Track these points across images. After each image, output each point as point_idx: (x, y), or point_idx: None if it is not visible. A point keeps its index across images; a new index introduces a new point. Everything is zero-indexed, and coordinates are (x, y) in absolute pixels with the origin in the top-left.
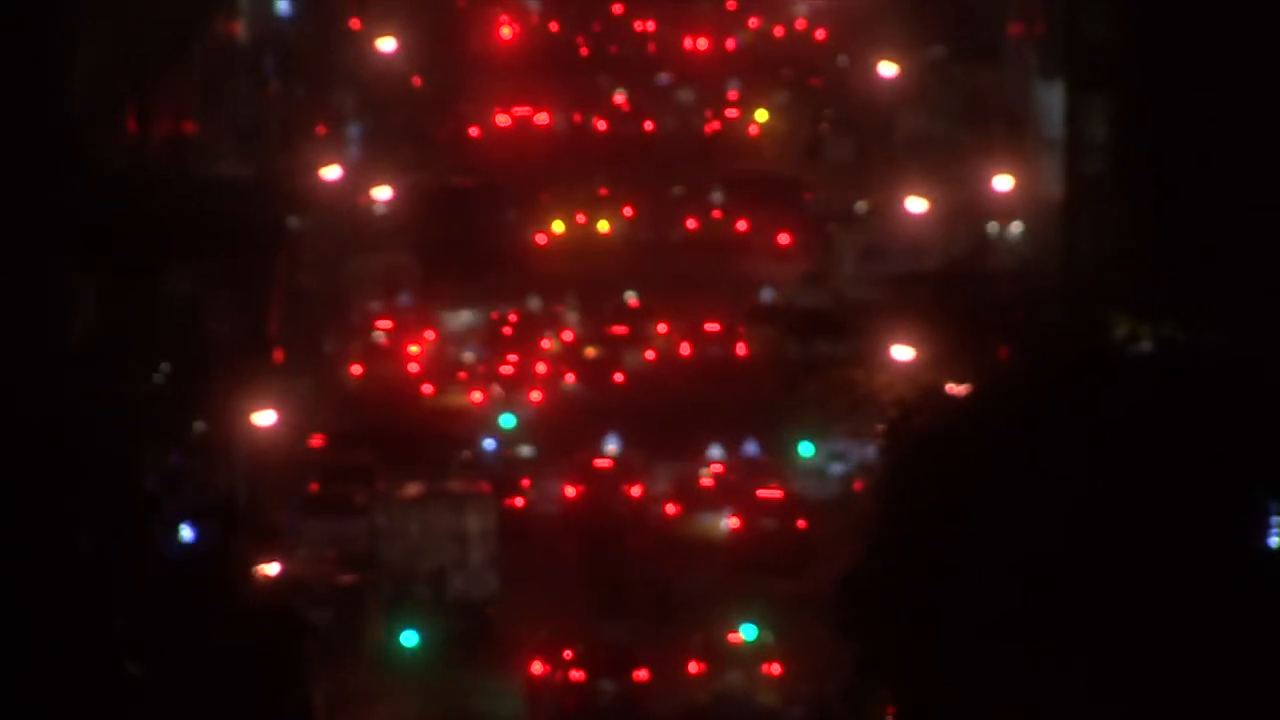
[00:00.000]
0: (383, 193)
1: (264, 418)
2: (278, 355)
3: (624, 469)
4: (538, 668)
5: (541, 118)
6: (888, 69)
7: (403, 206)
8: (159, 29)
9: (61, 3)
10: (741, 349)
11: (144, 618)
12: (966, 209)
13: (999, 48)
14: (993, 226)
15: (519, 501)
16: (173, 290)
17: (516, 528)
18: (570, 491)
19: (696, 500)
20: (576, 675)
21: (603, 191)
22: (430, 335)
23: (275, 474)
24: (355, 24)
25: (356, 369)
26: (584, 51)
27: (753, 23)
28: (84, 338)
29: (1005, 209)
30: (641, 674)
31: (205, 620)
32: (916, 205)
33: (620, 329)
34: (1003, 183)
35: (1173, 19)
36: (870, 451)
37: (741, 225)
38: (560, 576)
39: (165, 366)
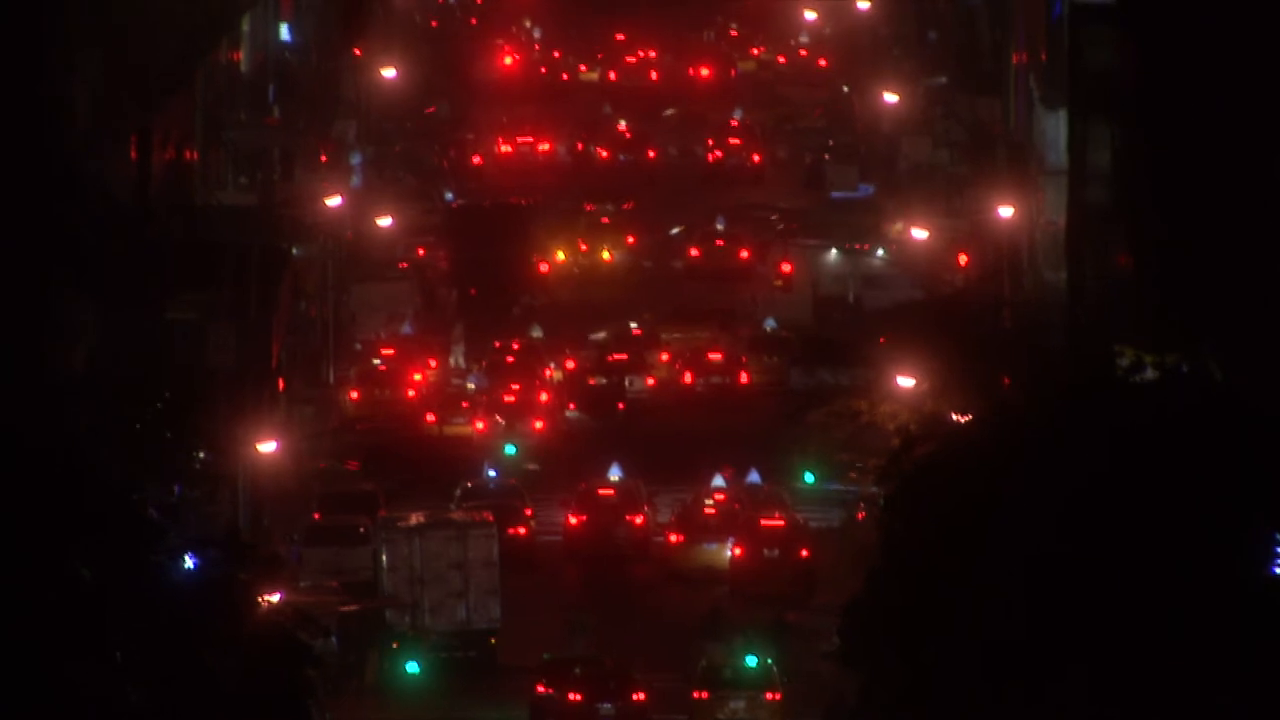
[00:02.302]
0: (385, 221)
1: (267, 446)
2: (280, 384)
3: (626, 498)
4: (542, 689)
5: (544, 146)
6: (890, 98)
7: (408, 234)
8: (161, 57)
9: (63, 30)
10: (744, 378)
11: (147, 647)
12: (969, 238)
13: (1002, 76)
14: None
15: (522, 530)
16: (175, 319)
17: (519, 556)
18: (573, 520)
19: (699, 529)
20: (574, 696)
21: (605, 220)
22: (433, 364)
23: (278, 503)
24: (357, 52)
25: (353, 394)
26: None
27: (755, 51)
28: (86, 366)
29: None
30: (639, 696)
31: (208, 649)
32: (919, 234)
33: (622, 357)
34: (1005, 211)
35: (1176, 47)
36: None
37: (744, 254)
38: (563, 605)
39: (168, 395)
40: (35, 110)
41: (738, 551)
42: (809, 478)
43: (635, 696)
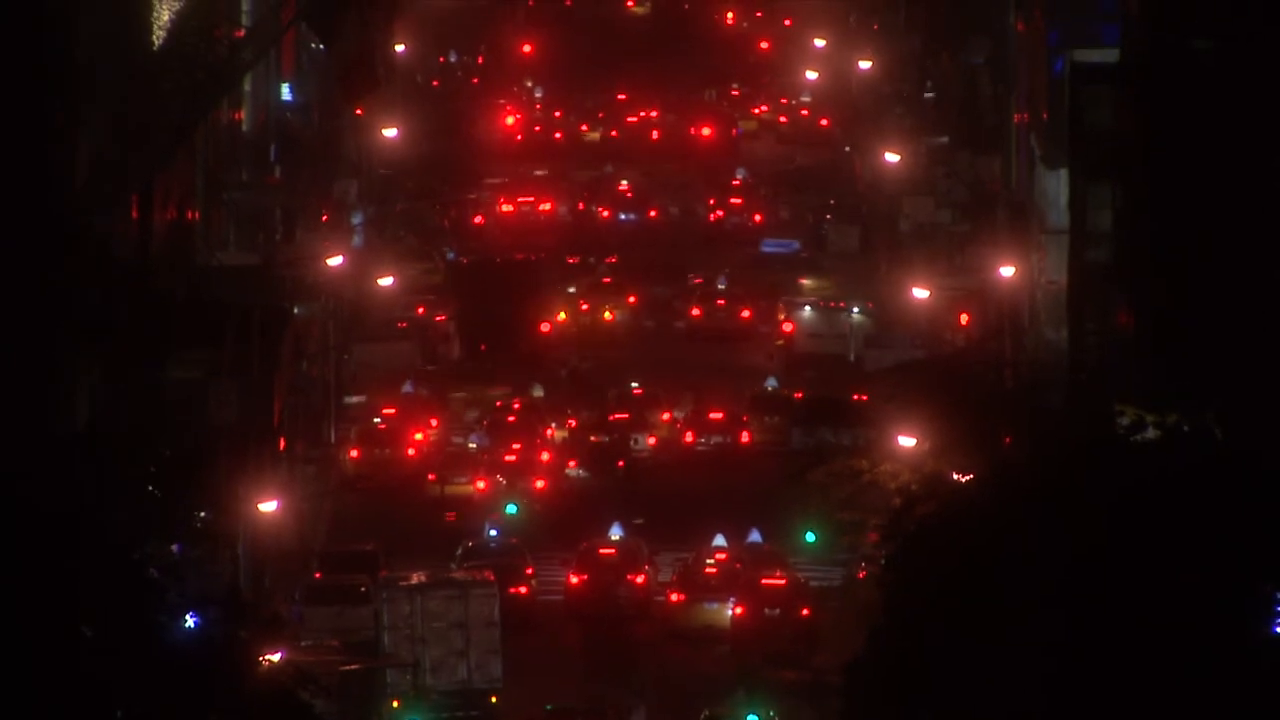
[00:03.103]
0: (386, 281)
1: (268, 506)
2: (281, 443)
3: (627, 557)
4: None
5: (545, 205)
6: (892, 157)
7: (409, 293)
8: (162, 116)
9: (64, 89)
10: (745, 437)
11: (148, 706)
12: (971, 297)
13: (1003, 136)
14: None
15: (523, 589)
16: (176, 378)
17: (520, 616)
18: (574, 580)
19: (700, 588)
20: None
21: (606, 280)
22: (434, 423)
23: (279, 562)
24: (359, 111)
25: (353, 453)
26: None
27: (757, 111)
28: (88, 424)
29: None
30: None
31: (209, 708)
32: (920, 293)
33: (623, 416)
34: (1007, 271)
35: (1177, 107)
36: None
37: (745, 314)
38: (564, 664)
39: (169, 453)
40: (38, 169)
41: (739, 611)
42: (810, 537)
43: None
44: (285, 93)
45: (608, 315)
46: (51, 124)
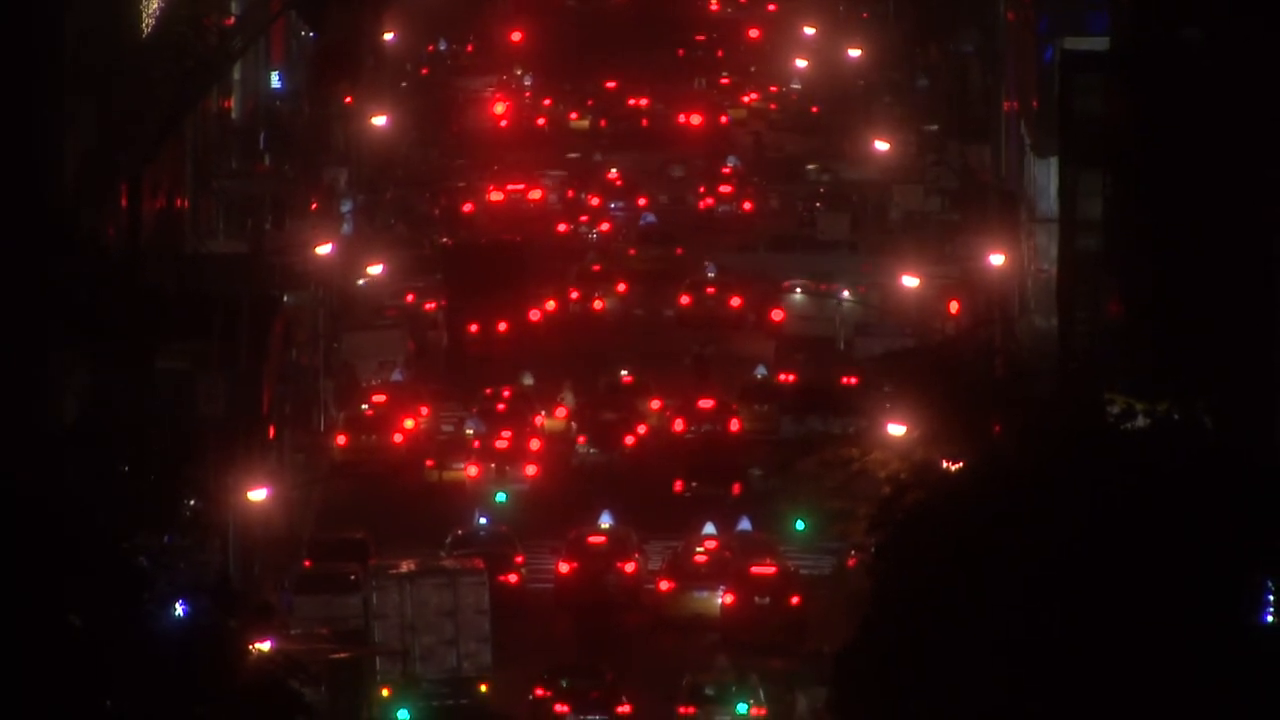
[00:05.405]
0: (376, 269)
1: (257, 494)
2: (271, 432)
3: (616, 545)
4: (539, 692)
5: (535, 193)
6: (881, 145)
7: (399, 280)
8: (151, 105)
9: (53, 78)
10: (735, 425)
11: (137, 695)
12: (960, 285)
13: (993, 124)
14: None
15: (513, 578)
16: (166, 367)
17: (510, 604)
18: (564, 568)
19: (690, 577)
20: (561, 709)
21: (595, 268)
22: (424, 410)
23: (268, 550)
24: (348, 100)
25: (340, 439)
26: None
27: (747, 99)
28: (78, 415)
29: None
30: (625, 709)
31: (199, 697)
32: (910, 281)
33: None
34: (996, 259)
35: (1168, 94)
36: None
37: (735, 302)
38: (554, 652)
39: (158, 444)
40: (27, 162)
41: (729, 599)
42: (800, 525)
43: (620, 710)
44: (275, 81)
45: (597, 304)
46: (40, 116)
